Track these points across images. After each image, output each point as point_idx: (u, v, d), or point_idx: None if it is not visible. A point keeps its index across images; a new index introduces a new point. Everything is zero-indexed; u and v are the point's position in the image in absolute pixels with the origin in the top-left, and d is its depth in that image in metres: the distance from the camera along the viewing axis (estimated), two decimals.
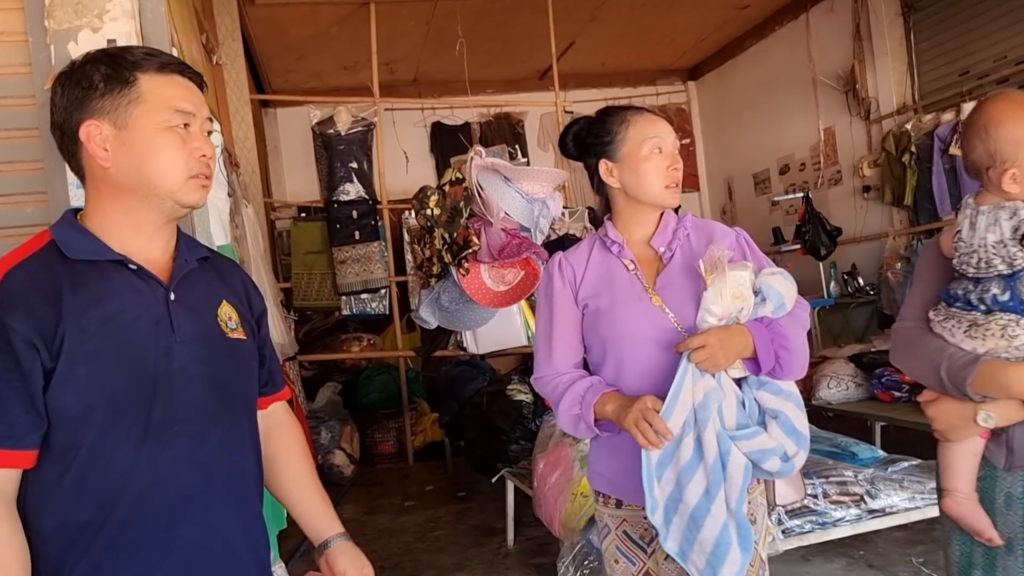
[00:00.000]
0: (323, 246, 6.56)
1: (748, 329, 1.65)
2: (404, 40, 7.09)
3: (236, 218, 3.65)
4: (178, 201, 1.31)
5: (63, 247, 1.27)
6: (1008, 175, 1.54)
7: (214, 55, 4.57)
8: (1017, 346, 1.50)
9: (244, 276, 1.53)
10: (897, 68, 6.30)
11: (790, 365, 1.67)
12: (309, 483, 1.55)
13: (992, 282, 1.53)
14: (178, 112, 1.29)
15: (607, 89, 8.60)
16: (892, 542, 3.63)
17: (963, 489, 1.63)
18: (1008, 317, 1.51)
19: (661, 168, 1.78)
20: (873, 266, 6.41)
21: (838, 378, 4.89)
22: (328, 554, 1.50)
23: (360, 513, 5.17)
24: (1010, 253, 1.52)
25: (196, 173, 1.31)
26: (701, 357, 1.60)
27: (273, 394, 1.56)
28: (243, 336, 1.41)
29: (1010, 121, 1.53)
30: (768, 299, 1.68)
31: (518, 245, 3.28)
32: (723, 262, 1.64)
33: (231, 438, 1.35)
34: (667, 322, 1.71)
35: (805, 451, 1.67)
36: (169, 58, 1.35)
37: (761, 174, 8.19)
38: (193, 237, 1.50)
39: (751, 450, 1.62)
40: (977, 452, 1.61)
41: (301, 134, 7.55)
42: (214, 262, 1.47)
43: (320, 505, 1.54)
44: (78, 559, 1.21)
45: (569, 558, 3.12)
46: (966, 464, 1.63)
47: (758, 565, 1.73)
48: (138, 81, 1.28)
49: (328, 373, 7.18)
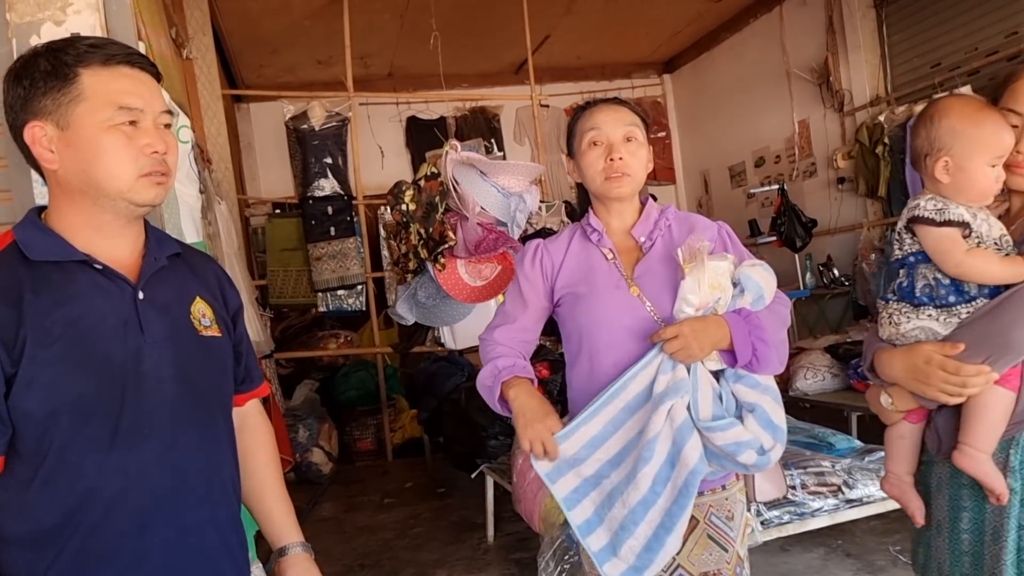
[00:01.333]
0: (298, 243, 6.50)
1: (725, 320, 1.63)
2: (378, 34, 7.04)
3: (209, 215, 3.59)
4: (131, 201, 1.26)
5: (25, 249, 1.23)
6: (940, 164, 1.56)
7: (184, 49, 4.49)
8: (903, 333, 1.58)
9: (219, 271, 1.50)
10: (870, 61, 6.35)
11: (767, 358, 1.65)
12: (273, 488, 1.52)
13: (900, 270, 1.62)
14: (122, 109, 1.23)
15: (583, 83, 8.60)
16: (869, 531, 3.67)
17: (895, 470, 1.72)
18: (894, 307, 1.60)
19: (598, 160, 1.77)
20: (848, 257, 6.46)
21: (814, 369, 4.93)
22: (281, 562, 1.47)
23: (339, 511, 5.14)
24: (902, 238, 1.61)
25: (148, 171, 1.25)
26: (675, 347, 1.59)
27: (250, 391, 1.53)
28: (217, 333, 1.38)
29: (955, 115, 1.56)
30: (747, 290, 1.66)
31: (495, 240, 3.25)
32: (702, 252, 1.63)
33: (205, 438, 1.32)
34: (644, 311, 1.70)
35: (782, 444, 1.66)
36: (116, 48, 1.28)
37: (737, 167, 8.23)
38: (164, 232, 1.46)
39: (726, 442, 1.60)
40: (904, 436, 1.69)
41: (275, 129, 7.48)
42: (187, 257, 1.42)
43: (281, 511, 1.51)
44: (48, 566, 1.18)
45: (549, 553, 3.11)
46: (897, 447, 1.71)
47: (735, 562, 1.72)
48: (79, 77, 1.22)
49: (305, 371, 7.13)
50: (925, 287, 1.56)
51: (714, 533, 1.71)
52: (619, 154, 1.74)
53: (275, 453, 1.57)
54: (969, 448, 1.51)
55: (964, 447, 1.51)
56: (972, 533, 1.58)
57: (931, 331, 1.55)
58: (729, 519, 1.73)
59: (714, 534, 1.71)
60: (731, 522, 1.73)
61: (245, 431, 1.50)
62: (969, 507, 1.58)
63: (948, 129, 1.56)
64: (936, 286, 1.55)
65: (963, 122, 1.55)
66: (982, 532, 1.57)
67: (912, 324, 1.57)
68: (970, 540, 1.58)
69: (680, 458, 1.59)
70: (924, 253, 1.57)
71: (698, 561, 1.69)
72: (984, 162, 1.54)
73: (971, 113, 1.56)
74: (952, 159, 1.55)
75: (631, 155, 1.76)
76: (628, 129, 1.77)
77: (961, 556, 1.60)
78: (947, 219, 1.53)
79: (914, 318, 1.57)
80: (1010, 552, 1.50)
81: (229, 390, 1.43)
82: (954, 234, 1.53)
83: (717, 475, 1.71)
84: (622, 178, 1.75)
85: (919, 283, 1.57)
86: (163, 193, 1.29)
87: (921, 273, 1.57)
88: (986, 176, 1.54)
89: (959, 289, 1.53)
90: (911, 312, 1.57)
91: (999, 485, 1.49)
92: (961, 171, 1.55)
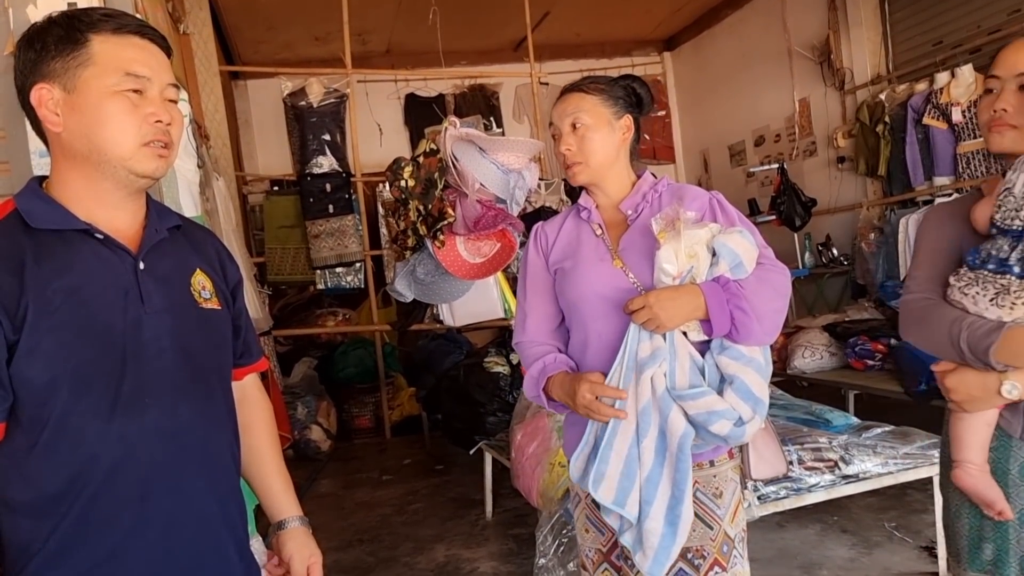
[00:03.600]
0: (296, 220, 6.49)
1: (700, 288, 1.61)
2: (376, 10, 6.98)
3: (207, 191, 3.58)
4: (131, 170, 1.25)
5: (27, 216, 1.23)
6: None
7: (181, 24, 4.45)
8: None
9: (219, 244, 1.50)
10: (871, 38, 6.30)
11: (747, 327, 1.61)
12: (271, 462, 1.53)
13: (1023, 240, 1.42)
14: (129, 75, 1.23)
15: (582, 60, 8.54)
16: (865, 507, 3.70)
17: (976, 461, 1.56)
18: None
19: (559, 154, 1.82)
20: (847, 236, 6.45)
21: (812, 348, 4.93)
22: (280, 535, 1.48)
23: (338, 488, 5.17)
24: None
25: (150, 140, 1.25)
26: (642, 318, 1.59)
27: (248, 365, 1.53)
28: (217, 306, 1.38)
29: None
30: (722, 257, 1.62)
31: (494, 217, 3.25)
32: (679, 221, 1.61)
33: (204, 410, 1.32)
34: (627, 283, 1.71)
35: (761, 417, 1.63)
36: (128, 19, 1.29)
37: (736, 145, 8.20)
38: (165, 205, 1.46)
39: (698, 411, 1.58)
40: (991, 423, 1.55)
41: (272, 106, 7.42)
42: (187, 231, 1.43)
43: (280, 485, 1.52)
44: (50, 532, 1.19)
45: (547, 528, 3.13)
46: (980, 436, 1.56)
47: (721, 540, 1.70)
48: (90, 43, 1.23)
49: (303, 348, 7.14)
50: None
51: (699, 510, 1.69)
52: (565, 145, 1.79)
53: (273, 428, 1.58)
54: None
55: None
56: None
57: None
58: (717, 496, 1.72)
59: (699, 511, 1.69)
60: (719, 499, 1.72)
61: (244, 405, 1.50)
62: None
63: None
64: None
65: None
66: None
67: None
68: None
69: (668, 426, 1.60)
70: None
71: None
72: None
73: None
74: None
75: (580, 141, 1.78)
76: (572, 117, 1.79)
77: None
78: None
79: None
80: None
81: (228, 362, 1.44)
82: None
83: (702, 448, 1.69)
84: (574, 167, 1.79)
85: None
86: (164, 166, 1.29)
87: None
88: None
89: None
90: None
91: None
92: None
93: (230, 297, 1.45)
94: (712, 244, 1.64)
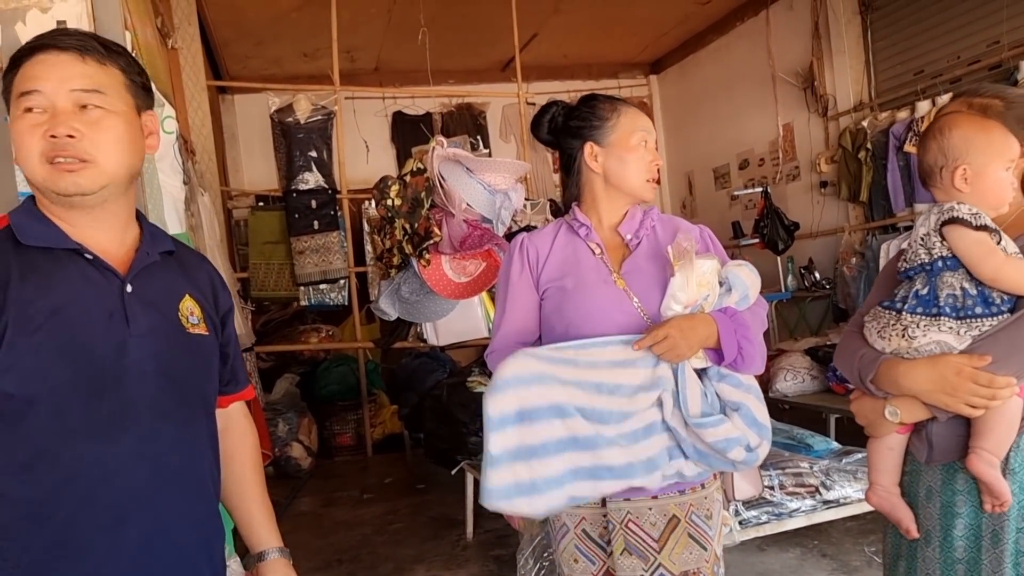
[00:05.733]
0: (281, 236, 6.46)
1: (712, 318, 1.66)
2: (365, 28, 7.01)
3: (192, 206, 3.57)
4: (51, 190, 1.22)
5: (17, 232, 1.23)
6: (959, 173, 1.57)
7: (169, 39, 4.46)
8: (916, 347, 1.53)
9: (212, 271, 1.49)
10: (854, 66, 6.40)
11: (752, 357, 1.68)
12: (253, 491, 1.51)
13: (918, 277, 1.58)
14: (23, 95, 1.21)
15: (569, 81, 8.60)
16: (845, 532, 3.70)
17: (883, 482, 1.69)
18: (910, 319, 1.54)
19: (645, 161, 1.81)
20: (829, 260, 6.51)
21: (794, 371, 4.96)
22: (260, 567, 1.47)
23: (318, 506, 5.12)
24: (930, 242, 1.56)
25: (51, 157, 1.19)
26: (663, 348, 1.61)
27: (234, 393, 1.52)
28: (204, 332, 1.37)
29: (965, 125, 1.59)
30: (734, 288, 1.69)
31: (480, 236, 3.26)
32: (691, 251, 1.66)
33: (185, 435, 1.31)
34: (631, 307, 1.72)
35: (767, 442, 1.68)
36: (43, 37, 1.25)
37: (721, 168, 8.27)
38: (161, 229, 1.45)
39: (717, 439, 1.62)
40: (893, 447, 1.67)
41: (259, 122, 7.42)
42: (180, 256, 1.42)
43: (261, 516, 1.50)
44: (21, 553, 1.17)
45: (529, 550, 3.11)
46: (885, 459, 1.68)
47: (712, 561, 1.74)
48: (19, 70, 1.23)
49: (286, 364, 7.09)
50: (949, 296, 1.51)
51: (694, 532, 1.72)
52: (659, 161, 1.84)
53: (257, 458, 1.56)
54: (986, 453, 1.49)
55: (982, 452, 1.49)
56: (967, 540, 1.57)
57: (947, 345, 1.51)
58: (708, 518, 1.75)
59: (694, 533, 1.72)
60: (710, 521, 1.75)
61: (228, 433, 1.49)
62: (964, 513, 1.57)
63: (961, 138, 1.57)
64: (962, 296, 1.50)
65: (974, 130, 1.57)
66: (979, 538, 1.55)
67: (928, 338, 1.51)
68: (964, 547, 1.57)
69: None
70: (954, 259, 1.52)
71: (679, 560, 1.70)
72: (999, 167, 1.55)
73: (979, 122, 1.58)
74: (970, 167, 1.56)
75: None
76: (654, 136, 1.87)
77: (954, 565, 1.58)
78: (984, 223, 1.51)
79: (932, 330, 1.51)
80: (1010, 555, 1.49)
81: (213, 389, 1.42)
82: (991, 239, 1.51)
83: (704, 476, 1.72)
84: (656, 184, 1.85)
85: (943, 292, 1.52)
86: (84, 182, 1.21)
87: (946, 281, 1.52)
88: (1002, 182, 1.56)
89: (987, 300, 1.49)
90: (928, 324, 1.52)
91: (1006, 491, 1.48)
92: (980, 178, 1.56)
93: (219, 324, 1.44)
94: (723, 275, 1.71)
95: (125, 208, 1.32)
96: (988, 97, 1.64)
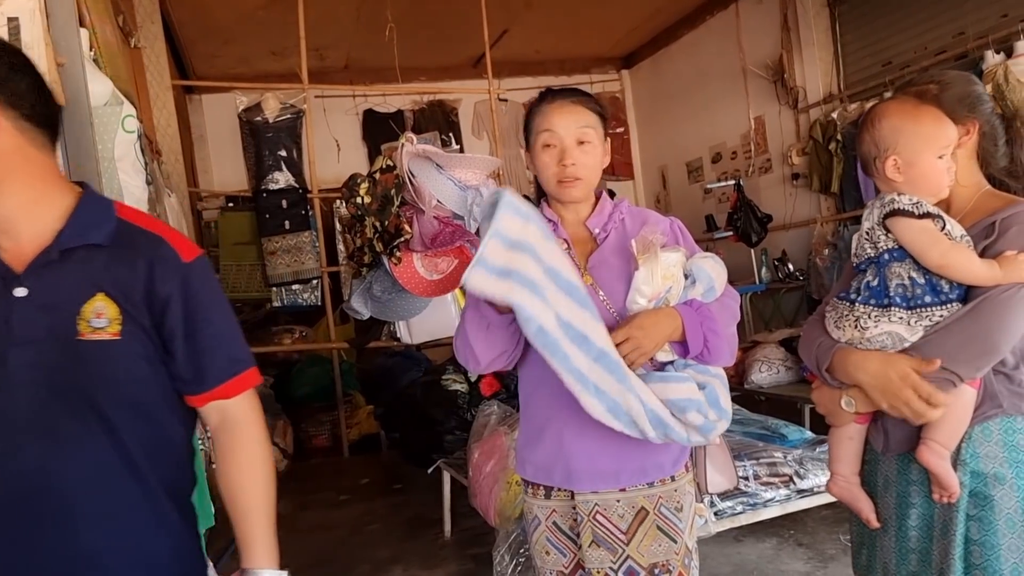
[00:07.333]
0: (252, 237, 6.40)
1: (677, 311, 1.65)
2: (334, 25, 6.94)
3: (158, 207, 3.51)
4: None
5: None
6: (890, 163, 1.57)
7: (132, 38, 4.38)
8: (868, 338, 1.54)
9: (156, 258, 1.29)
10: (823, 58, 6.44)
11: (718, 350, 1.67)
12: (244, 498, 1.38)
13: (868, 270, 1.58)
14: None
15: (541, 77, 8.57)
16: (820, 521, 3.72)
17: (842, 472, 1.71)
18: (863, 310, 1.55)
19: (550, 164, 1.76)
20: (802, 252, 6.55)
21: (769, 362, 4.99)
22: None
23: (293, 508, 5.07)
24: (875, 236, 1.57)
25: None
26: (627, 349, 1.60)
27: (202, 392, 1.35)
28: (112, 336, 1.23)
29: (894, 114, 1.59)
30: (698, 280, 1.68)
31: (451, 233, 3.22)
32: (656, 244, 1.64)
33: (67, 451, 1.20)
34: (597, 301, 1.70)
35: (726, 422, 1.68)
36: None
37: (694, 162, 8.29)
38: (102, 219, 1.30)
39: (679, 396, 1.60)
40: (852, 437, 1.68)
41: (228, 122, 7.32)
42: (117, 246, 1.27)
43: (250, 527, 1.38)
44: None
45: (505, 547, 3.10)
46: (844, 449, 1.70)
47: (683, 553, 1.72)
48: None
49: (259, 366, 6.90)
50: (899, 286, 1.52)
51: (663, 524, 1.71)
52: (571, 159, 1.73)
53: (256, 458, 1.40)
54: (937, 444, 1.50)
55: (932, 443, 1.50)
56: (920, 530, 1.59)
57: (898, 336, 1.52)
58: (678, 510, 1.73)
59: (663, 525, 1.71)
60: (680, 513, 1.73)
61: (220, 434, 1.38)
62: (918, 503, 1.59)
63: (890, 128, 1.57)
64: (911, 285, 1.51)
65: (903, 119, 1.57)
66: (930, 528, 1.57)
67: (880, 329, 1.52)
68: (918, 537, 1.59)
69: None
70: (901, 250, 1.53)
71: (648, 552, 1.69)
72: (932, 155, 1.55)
73: (910, 110, 1.58)
74: (900, 156, 1.56)
75: (584, 156, 1.75)
76: (581, 131, 1.75)
77: (908, 554, 1.60)
78: (926, 211, 1.52)
79: (883, 321, 1.52)
80: (958, 545, 1.51)
81: (115, 399, 1.26)
82: (935, 226, 1.51)
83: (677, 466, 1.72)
84: (574, 183, 1.75)
85: (892, 282, 1.53)
86: None
87: (895, 272, 1.53)
88: (936, 169, 1.55)
89: (935, 289, 1.50)
90: (879, 315, 1.53)
91: (954, 482, 1.50)
92: (912, 167, 1.56)
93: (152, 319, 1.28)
94: (688, 267, 1.69)
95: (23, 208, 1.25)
96: (924, 83, 1.65)
